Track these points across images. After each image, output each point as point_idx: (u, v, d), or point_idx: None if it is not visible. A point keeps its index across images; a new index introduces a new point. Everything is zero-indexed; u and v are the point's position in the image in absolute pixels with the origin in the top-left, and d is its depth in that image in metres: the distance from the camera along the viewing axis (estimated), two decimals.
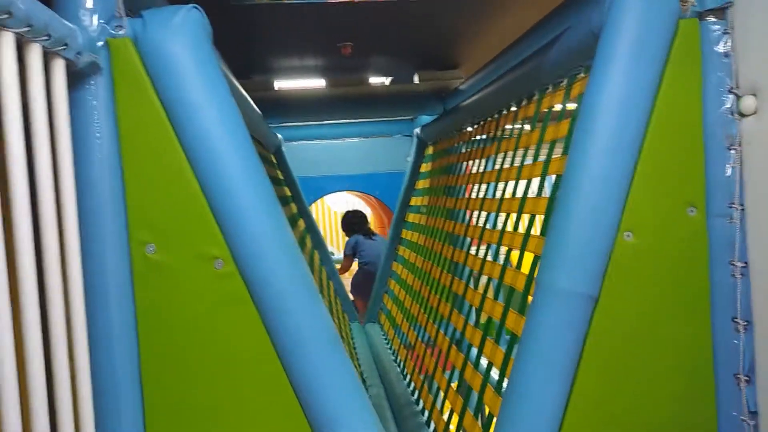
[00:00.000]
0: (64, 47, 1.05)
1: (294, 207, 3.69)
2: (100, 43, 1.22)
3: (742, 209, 1.36)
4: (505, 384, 1.56)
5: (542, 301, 1.38)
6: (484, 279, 2.14)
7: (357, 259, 5.08)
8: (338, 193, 6.26)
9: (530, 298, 1.47)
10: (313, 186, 5.30)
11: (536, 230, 1.80)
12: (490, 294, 2.02)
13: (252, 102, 2.41)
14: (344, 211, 5.46)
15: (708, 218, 1.39)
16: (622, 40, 1.32)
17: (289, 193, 3.73)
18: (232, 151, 1.27)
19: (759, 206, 1.34)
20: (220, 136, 1.26)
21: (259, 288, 1.30)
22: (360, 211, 5.41)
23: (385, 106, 4.08)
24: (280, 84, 4.01)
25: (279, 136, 3.79)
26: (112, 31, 1.24)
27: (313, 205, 7.61)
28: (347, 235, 5.26)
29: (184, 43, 1.25)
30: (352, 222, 5.21)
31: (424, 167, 3.96)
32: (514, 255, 1.93)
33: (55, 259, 1.03)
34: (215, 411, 1.34)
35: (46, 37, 0.98)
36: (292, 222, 3.26)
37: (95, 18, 1.22)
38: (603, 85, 1.33)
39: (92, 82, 1.21)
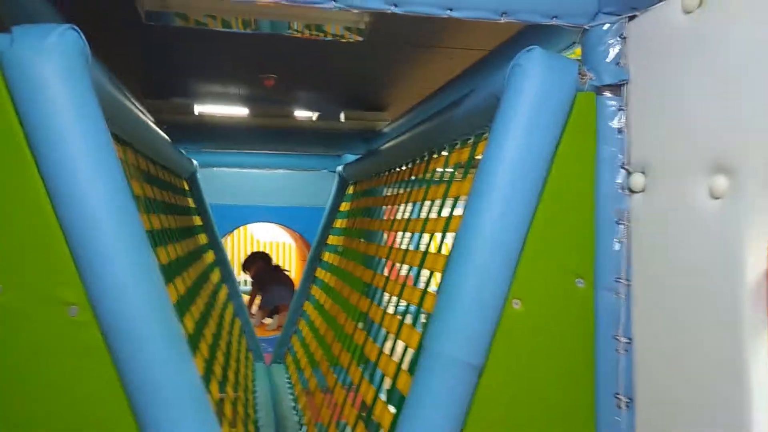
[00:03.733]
0: None
1: (203, 237, 3.53)
2: None
3: (629, 284, 1.36)
4: None
5: (427, 367, 1.33)
6: (383, 332, 2.08)
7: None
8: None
9: None
10: (234, 214, 5.14)
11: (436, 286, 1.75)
12: (387, 349, 1.95)
13: (154, 126, 2.28)
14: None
15: (595, 291, 1.38)
16: (519, 106, 1.31)
17: (199, 222, 3.57)
18: (98, 186, 1.16)
19: (644, 283, 1.34)
20: (85, 170, 1.15)
21: (117, 339, 1.18)
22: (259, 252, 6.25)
23: (308, 142, 4.02)
24: (201, 108, 3.87)
25: (194, 162, 3.64)
26: None
27: (236, 231, 7.40)
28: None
29: (55, 66, 1.14)
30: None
31: (344, 206, 3.90)
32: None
33: None
34: None
35: None
36: (197, 253, 3.10)
37: None
38: (499, 150, 1.32)
39: None
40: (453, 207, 1.76)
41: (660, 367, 1.28)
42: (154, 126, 2.26)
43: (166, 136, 2.61)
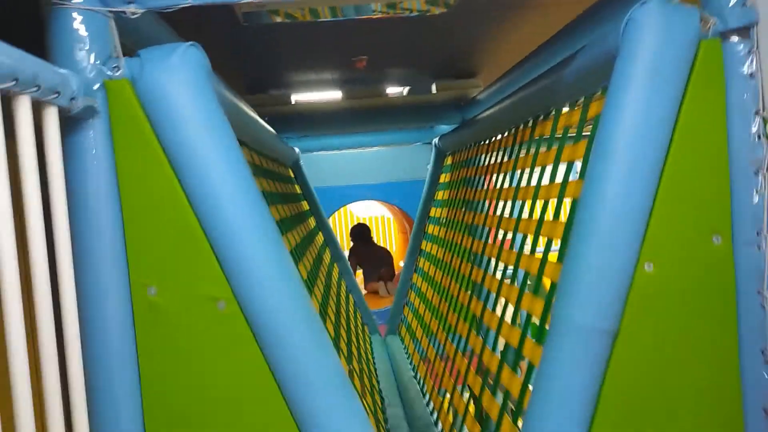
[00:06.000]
0: (56, 95, 1.02)
1: (312, 221, 3.67)
2: (97, 86, 1.20)
3: None
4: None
5: (558, 336, 1.32)
6: (502, 300, 2.08)
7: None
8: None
9: (547, 326, 1.42)
10: (335, 196, 5.30)
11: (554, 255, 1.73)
12: (508, 318, 1.96)
13: (262, 122, 2.38)
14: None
15: (734, 246, 1.31)
16: (638, 62, 1.25)
17: (307, 207, 3.71)
18: (232, 190, 1.24)
19: None
20: (220, 176, 1.23)
21: (262, 329, 1.26)
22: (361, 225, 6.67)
23: (402, 117, 4.03)
24: (297, 97, 3.99)
25: (296, 150, 3.77)
26: (109, 73, 1.21)
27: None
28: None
29: (182, 83, 1.22)
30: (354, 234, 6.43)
31: (443, 178, 3.90)
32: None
33: (48, 309, 1.00)
34: None
35: (35, 88, 0.96)
36: (311, 236, 3.23)
37: (92, 58, 1.21)
38: (619, 109, 1.27)
39: (89, 125, 1.19)
40: (567, 172, 1.72)
41: None
42: (261, 121, 2.36)
43: (272, 129, 2.72)
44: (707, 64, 1.28)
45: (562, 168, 1.78)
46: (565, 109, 1.82)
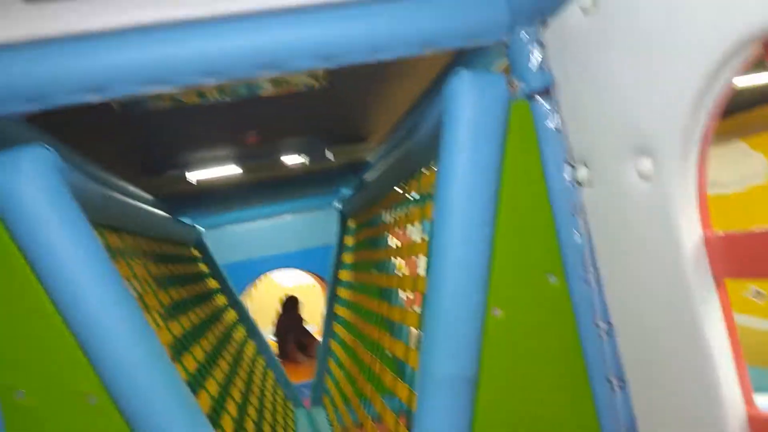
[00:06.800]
0: None
1: (221, 299, 3.65)
2: None
3: (597, 272, 1.43)
4: None
5: (425, 388, 1.40)
6: (397, 360, 2.15)
7: None
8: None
9: None
10: (249, 269, 5.27)
11: None
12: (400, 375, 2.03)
13: (148, 207, 2.41)
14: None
15: (568, 283, 1.45)
16: (458, 129, 1.40)
17: (215, 286, 3.69)
18: (94, 286, 1.26)
19: (610, 267, 1.41)
20: (80, 273, 1.26)
21: (136, 419, 1.28)
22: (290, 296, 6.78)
23: (302, 186, 4.15)
24: (196, 176, 4.01)
25: (198, 228, 3.77)
26: None
27: (259, 283, 7.55)
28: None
29: (32, 185, 1.25)
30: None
31: (349, 241, 4.00)
32: None
33: None
34: None
35: None
36: (219, 316, 3.22)
37: None
38: (448, 174, 1.40)
39: None
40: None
41: (639, 344, 1.34)
42: (147, 207, 2.39)
43: (163, 212, 2.75)
44: (519, 122, 1.44)
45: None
46: (424, 172, 1.97)
